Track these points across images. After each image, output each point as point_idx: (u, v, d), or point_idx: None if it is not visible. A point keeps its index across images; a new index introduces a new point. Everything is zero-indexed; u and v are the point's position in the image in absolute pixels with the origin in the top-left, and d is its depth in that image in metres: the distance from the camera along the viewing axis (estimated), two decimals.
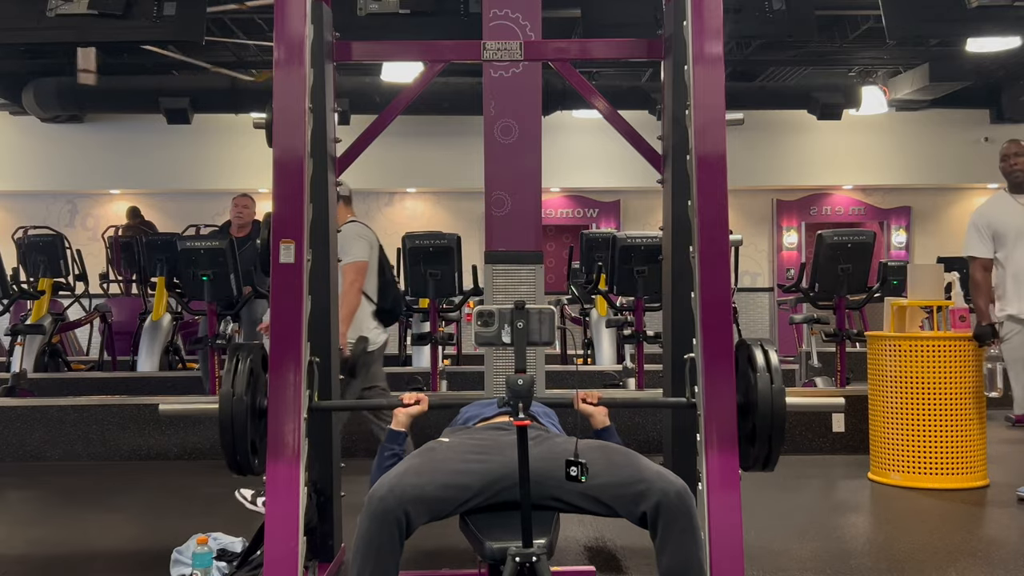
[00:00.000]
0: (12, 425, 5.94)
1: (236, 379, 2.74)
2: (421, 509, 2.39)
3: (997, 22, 6.19)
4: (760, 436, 2.74)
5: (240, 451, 2.75)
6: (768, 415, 2.70)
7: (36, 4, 5.89)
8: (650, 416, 5.81)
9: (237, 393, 2.72)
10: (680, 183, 3.24)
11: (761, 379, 2.72)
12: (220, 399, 2.73)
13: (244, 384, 2.74)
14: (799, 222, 13.30)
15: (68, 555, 3.96)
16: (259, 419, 2.81)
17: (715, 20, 2.92)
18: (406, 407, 2.83)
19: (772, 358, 2.77)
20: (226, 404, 2.72)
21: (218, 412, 2.72)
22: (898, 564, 3.67)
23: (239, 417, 2.72)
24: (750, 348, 2.80)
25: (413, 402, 2.83)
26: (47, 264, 7.86)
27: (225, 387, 2.74)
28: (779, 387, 2.71)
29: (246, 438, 2.74)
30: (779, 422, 2.70)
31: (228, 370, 2.76)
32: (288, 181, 2.86)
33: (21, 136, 12.09)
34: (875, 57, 10.14)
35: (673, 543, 2.39)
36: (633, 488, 2.42)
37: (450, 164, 11.80)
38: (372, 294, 4.74)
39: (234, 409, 2.72)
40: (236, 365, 2.76)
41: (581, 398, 2.83)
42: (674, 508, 2.39)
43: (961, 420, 4.96)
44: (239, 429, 2.73)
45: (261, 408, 2.81)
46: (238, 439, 2.73)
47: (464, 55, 4.07)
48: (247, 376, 2.76)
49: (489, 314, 2.35)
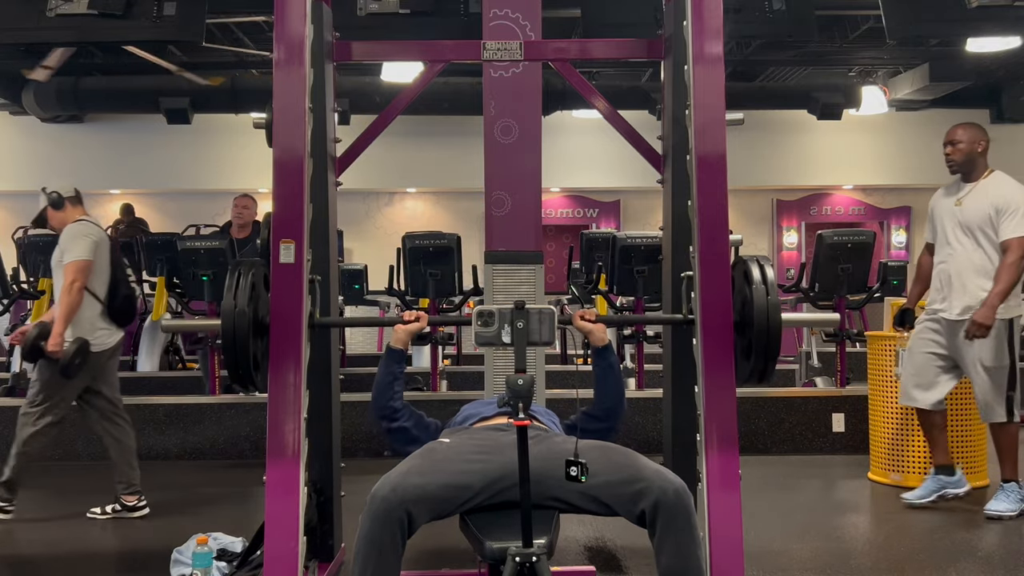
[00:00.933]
0: (12, 425, 5.92)
1: (238, 294, 2.75)
2: (423, 509, 2.39)
3: (997, 22, 6.19)
4: (756, 350, 2.76)
5: (243, 365, 2.76)
6: (764, 329, 2.73)
7: (36, 4, 5.89)
8: (650, 416, 5.81)
9: (239, 307, 2.73)
10: (680, 183, 3.24)
11: (757, 293, 2.75)
12: (222, 313, 2.75)
13: (246, 298, 2.75)
14: (799, 222, 13.30)
15: (68, 555, 3.96)
16: (261, 334, 2.83)
17: (715, 20, 2.93)
18: (406, 324, 2.85)
19: (768, 273, 2.80)
20: (228, 318, 2.74)
21: (220, 326, 2.74)
22: (898, 564, 3.67)
23: (241, 331, 2.74)
24: (746, 264, 2.83)
25: (413, 319, 2.87)
26: (47, 264, 7.85)
27: (227, 301, 2.75)
28: (774, 301, 2.75)
29: (248, 351, 2.76)
30: (774, 336, 2.74)
31: (230, 285, 2.77)
32: (288, 181, 2.86)
33: (21, 136, 12.09)
34: (875, 57, 10.14)
35: (671, 542, 2.39)
36: (631, 487, 2.42)
37: (450, 164, 11.80)
38: (100, 294, 4.69)
39: (236, 323, 2.73)
40: (238, 280, 2.77)
41: (579, 315, 2.87)
42: (672, 507, 2.39)
43: (961, 420, 4.96)
44: (241, 342, 2.74)
45: (263, 323, 2.83)
46: (240, 353, 2.75)
47: (464, 55, 4.08)
48: (249, 291, 2.77)
49: (489, 314, 2.36)
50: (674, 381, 3.35)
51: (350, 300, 8.81)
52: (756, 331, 2.74)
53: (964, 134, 4.59)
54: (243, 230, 7.29)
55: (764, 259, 2.85)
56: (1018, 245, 4.32)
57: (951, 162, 4.66)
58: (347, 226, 10.92)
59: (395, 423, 2.86)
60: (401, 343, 2.88)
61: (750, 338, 2.77)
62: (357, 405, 5.90)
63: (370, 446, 5.90)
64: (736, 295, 2.84)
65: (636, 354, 6.88)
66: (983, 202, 4.47)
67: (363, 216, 12.80)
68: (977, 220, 4.46)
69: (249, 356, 2.76)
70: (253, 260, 2.93)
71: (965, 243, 4.49)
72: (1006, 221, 4.38)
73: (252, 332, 2.77)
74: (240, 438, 5.93)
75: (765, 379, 2.84)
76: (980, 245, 4.45)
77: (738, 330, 2.81)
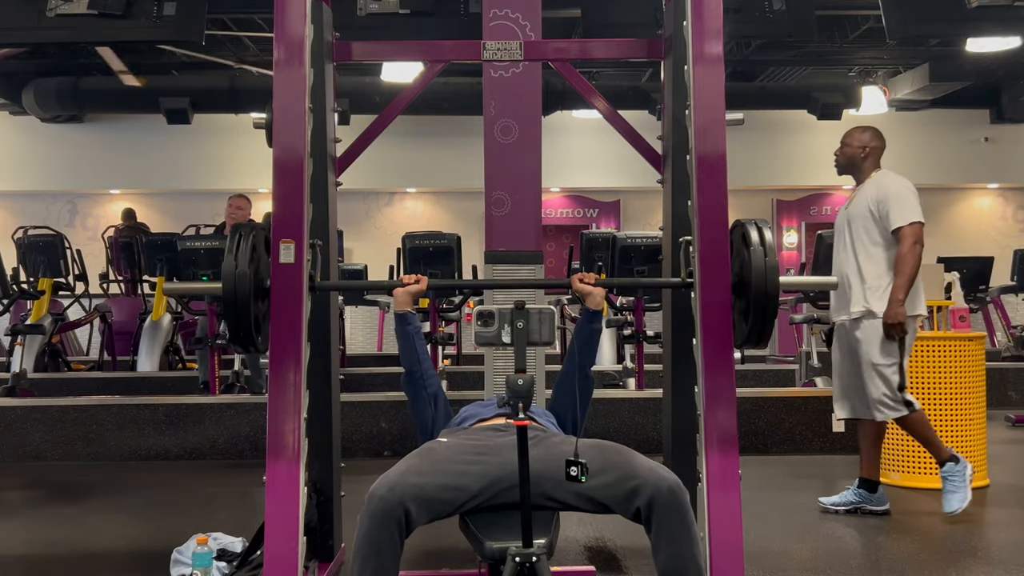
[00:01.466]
0: (12, 425, 5.94)
1: (239, 255, 2.76)
2: (421, 509, 2.39)
3: (997, 22, 6.19)
4: (754, 311, 2.76)
5: (244, 327, 2.77)
6: (762, 290, 2.74)
7: (36, 4, 5.89)
8: (650, 416, 5.81)
9: (240, 268, 2.74)
10: (680, 183, 3.24)
11: (755, 254, 2.76)
12: (223, 275, 2.75)
13: (247, 260, 2.76)
14: (799, 222, 13.30)
15: (68, 555, 3.96)
16: (262, 297, 2.84)
17: (715, 20, 2.93)
18: (405, 287, 2.88)
19: (766, 235, 2.80)
20: (229, 280, 2.74)
21: (222, 288, 2.75)
22: (898, 564, 3.67)
23: (242, 292, 2.74)
24: (744, 226, 2.84)
25: (413, 282, 2.89)
26: (47, 264, 7.86)
27: (228, 263, 2.75)
28: (772, 263, 2.75)
29: (250, 313, 2.77)
30: (772, 297, 2.74)
31: (230, 248, 2.77)
32: (288, 181, 2.86)
33: (21, 136, 12.09)
34: (875, 57, 10.15)
35: (668, 539, 2.39)
36: (626, 485, 2.42)
37: (450, 164, 11.80)
38: None
39: (237, 284, 2.74)
40: (239, 242, 2.78)
41: (578, 278, 2.89)
42: (667, 502, 2.38)
43: (961, 420, 4.96)
44: (243, 304, 2.75)
45: (263, 286, 2.84)
46: (242, 314, 2.76)
47: (464, 55, 4.08)
48: (249, 253, 2.77)
49: (489, 314, 2.35)
50: (674, 381, 3.35)
51: (350, 300, 8.81)
52: (754, 293, 2.75)
53: (853, 137, 4.54)
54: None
55: (763, 222, 2.86)
56: (911, 232, 4.25)
57: (836, 163, 4.65)
58: (347, 226, 10.93)
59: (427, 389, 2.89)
60: (405, 305, 2.89)
61: (748, 300, 2.78)
62: (357, 405, 5.90)
63: (370, 446, 5.90)
64: (734, 258, 2.85)
65: (636, 354, 6.88)
66: (863, 200, 4.44)
67: (363, 216, 12.81)
68: (859, 219, 4.43)
69: (250, 317, 2.77)
70: (253, 224, 2.95)
71: (847, 244, 4.47)
72: (893, 211, 4.30)
73: (253, 294, 2.78)
74: (240, 438, 5.93)
75: (762, 342, 2.84)
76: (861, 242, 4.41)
77: (736, 292, 2.82)
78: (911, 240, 4.25)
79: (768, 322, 2.79)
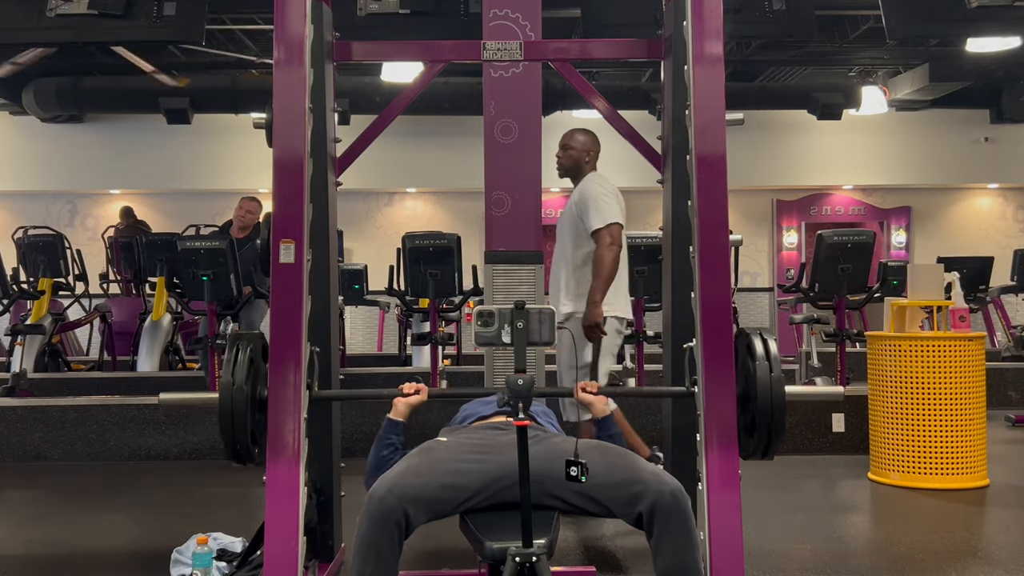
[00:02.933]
0: (12, 425, 5.94)
1: (236, 369, 2.74)
2: (420, 509, 2.39)
3: (997, 22, 6.19)
4: (760, 426, 2.74)
5: (240, 441, 2.75)
6: (768, 405, 2.70)
7: (36, 4, 5.89)
8: (650, 416, 5.81)
9: (237, 383, 2.72)
10: (680, 183, 3.24)
11: (760, 368, 2.72)
12: (220, 389, 2.73)
13: (244, 374, 2.74)
14: (799, 222, 13.30)
15: (68, 555, 3.96)
16: (259, 409, 2.81)
17: (715, 20, 2.93)
18: (405, 396, 2.82)
19: (771, 347, 2.76)
20: (226, 394, 2.72)
21: (218, 402, 2.73)
22: (898, 564, 3.67)
23: (239, 407, 2.72)
24: (749, 337, 2.80)
25: (412, 392, 2.82)
26: (47, 264, 7.86)
27: (225, 377, 2.73)
28: (778, 376, 2.70)
29: (246, 428, 2.74)
30: (779, 412, 2.69)
31: (228, 360, 2.75)
32: (288, 181, 2.86)
33: (21, 136, 12.08)
34: (875, 57, 10.14)
35: (669, 544, 2.39)
36: (629, 489, 2.42)
37: (450, 164, 11.80)
38: None
39: (234, 399, 2.72)
40: (236, 355, 2.76)
41: (580, 387, 2.83)
42: (669, 508, 2.39)
43: (961, 420, 4.96)
44: (239, 419, 2.72)
45: (261, 398, 2.81)
46: (238, 429, 2.73)
47: (464, 55, 4.08)
48: (247, 366, 2.75)
49: (489, 314, 2.35)
50: (674, 381, 3.35)
51: (350, 300, 8.82)
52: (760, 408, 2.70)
53: (576, 141, 4.53)
54: (243, 231, 7.31)
55: (767, 332, 2.83)
56: (607, 232, 4.26)
57: (559, 165, 4.64)
58: (347, 226, 10.93)
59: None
60: (401, 416, 2.81)
61: (753, 414, 2.74)
62: (357, 405, 5.89)
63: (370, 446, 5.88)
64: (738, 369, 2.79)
65: (636, 354, 6.88)
66: (572, 202, 4.49)
67: (363, 216, 12.81)
68: (568, 218, 4.47)
69: (247, 432, 2.74)
70: (252, 333, 2.92)
71: (559, 246, 4.51)
72: (591, 213, 4.32)
73: (250, 407, 2.75)
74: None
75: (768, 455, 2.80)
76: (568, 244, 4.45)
77: (741, 405, 2.77)
78: (608, 241, 4.26)
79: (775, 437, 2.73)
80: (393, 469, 2.50)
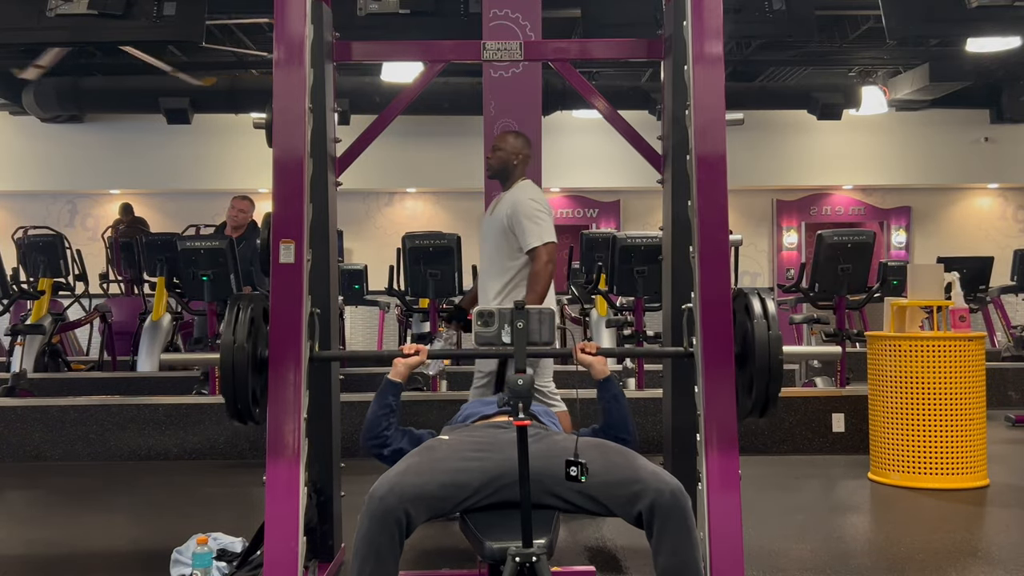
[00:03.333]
0: (12, 425, 5.94)
1: (237, 328, 2.74)
2: (421, 508, 2.39)
3: (997, 22, 6.19)
4: (757, 384, 2.75)
5: (241, 400, 2.75)
6: (765, 363, 2.72)
7: (36, 4, 5.89)
8: (650, 416, 5.81)
9: (238, 341, 2.72)
10: (680, 183, 3.24)
11: (758, 327, 2.74)
12: (221, 348, 2.74)
13: (245, 333, 2.74)
14: (799, 222, 13.30)
15: (68, 555, 3.96)
16: (260, 369, 2.81)
17: (715, 20, 2.93)
18: (405, 357, 2.83)
19: (769, 306, 2.79)
20: (227, 353, 2.73)
21: (219, 360, 2.74)
22: (898, 564, 3.67)
23: (240, 366, 2.73)
24: (747, 297, 2.82)
25: (412, 352, 2.84)
26: (47, 264, 7.85)
27: (226, 335, 2.74)
28: (776, 335, 2.73)
29: (247, 387, 2.74)
30: (776, 370, 2.73)
31: (229, 320, 2.76)
32: (288, 181, 2.86)
33: (21, 136, 12.08)
34: (875, 57, 10.14)
35: (668, 543, 2.39)
36: (629, 488, 2.42)
37: (450, 164, 11.80)
38: None
39: (235, 358, 2.72)
40: (237, 314, 2.76)
41: (579, 348, 2.84)
42: (669, 507, 2.39)
43: (961, 420, 4.96)
44: (240, 378, 2.73)
45: (262, 358, 2.82)
46: (239, 388, 2.74)
47: (464, 55, 4.08)
48: (248, 325, 2.75)
49: (489, 314, 2.35)
50: (674, 381, 3.35)
51: (350, 300, 8.81)
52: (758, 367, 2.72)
53: (507, 143, 4.41)
54: (236, 231, 7.31)
55: (765, 292, 2.85)
56: (543, 251, 4.23)
57: (488, 166, 4.52)
58: (347, 226, 10.92)
59: (387, 448, 2.82)
60: (400, 376, 2.84)
61: (751, 373, 2.75)
62: (357, 405, 5.88)
63: None
64: (737, 328, 2.82)
65: None
66: (502, 211, 4.36)
67: (363, 216, 12.81)
68: (497, 227, 4.37)
69: (248, 391, 2.75)
70: (254, 294, 2.94)
71: (486, 252, 4.45)
72: (527, 231, 4.24)
73: (251, 367, 2.76)
74: (240, 438, 5.93)
75: (766, 415, 2.83)
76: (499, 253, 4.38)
77: (739, 364, 2.79)
78: (544, 259, 4.24)
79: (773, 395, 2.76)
80: (394, 468, 2.50)
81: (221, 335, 2.76)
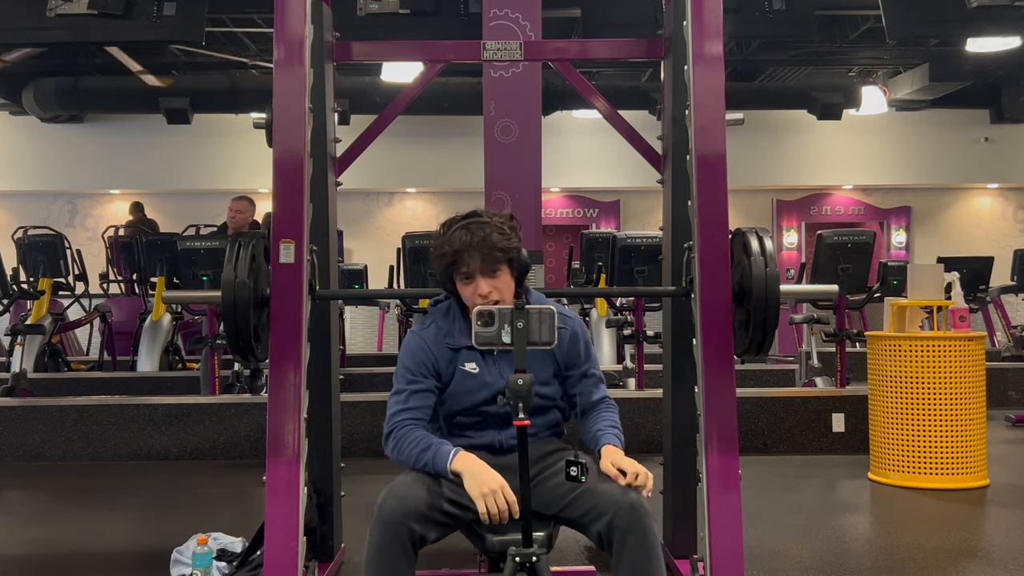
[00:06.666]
0: (12, 425, 5.94)
1: (238, 265, 2.74)
2: (429, 526, 2.34)
3: (997, 22, 6.19)
4: (754, 322, 2.75)
5: (243, 336, 2.76)
6: (762, 300, 2.73)
7: (36, 4, 5.90)
8: (650, 416, 5.81)
9: (240, 278, 2.73)
10: (680, 183, 3.24)
11: (756, 264, 2.75)
12: (223, 284, 2.74)
13: (246, 270, 2.75)
14: (799, 222, 13.30)
15: (68, 555, 3.96)
16: (261, 306, 2.82)
17: (715, 20, 2.93)
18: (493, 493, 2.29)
19: (767, 244, 2.80)
20: (228, 290, 2.73)
21: (221, 298, 2.74)
22: (898, 564, 3.67)
23: (242, 303, 2.73)
24: (745, 236, 2.83)
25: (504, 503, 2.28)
26: (47, 264, 7.86)
27: (227, 273, 2.74)
28: (773, 272, 2.74)
29: (249, 323, 2.75)
30: (772, 307, 2.74)
31: (230, 257, 2.76)
32: (288, 181, 2.86)
33: (21, 136, 12.09)
34: (875, 57, 10.15)
35: (627, 560, 2.25)
36: (584, 505, 2.34)
37: (450, 164, 11.81)
38: None
39: (236, 295, 2.73)
40: (238, 252, 2.76)
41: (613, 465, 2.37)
42: (625, 525, 2.25)
43: (961, 420, 4.95)
44: (242, 314, 2.74)
45: (263, 295, 2.82)
46: (241, 324, 2.74)
47: (464, 55, 4.08)
48: (249, 263, 2.76)
49: (489, 314, 2.35)
50: (674, 381, 3.35)
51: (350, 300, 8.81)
52: (755, 303, 2.74)
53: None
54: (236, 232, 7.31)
55: (763, 230, 2.85)
56: None
57: None
58: (347, 226, 10.93)
59: None
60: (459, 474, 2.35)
61: (748, 309, 2.77)
62: (357, 405, 5.89)
63: (370, 446, 5.89)
64: (735, 266, 2.84)
65: (636, 354, 6.88)
66: None
67: (363, 216, 12.81)
68: None
69: (250, 327, 2.76)
70: (253, 232, 2.94)
71: None
72: None
73: (252, 303, 2.77)
74: (240, 438, 5.93)
75: (763, 351, 2.84)
76: None
77: (736, 301, 2.81)
78: None
79: (769, 333, 2.78)
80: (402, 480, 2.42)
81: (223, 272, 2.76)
